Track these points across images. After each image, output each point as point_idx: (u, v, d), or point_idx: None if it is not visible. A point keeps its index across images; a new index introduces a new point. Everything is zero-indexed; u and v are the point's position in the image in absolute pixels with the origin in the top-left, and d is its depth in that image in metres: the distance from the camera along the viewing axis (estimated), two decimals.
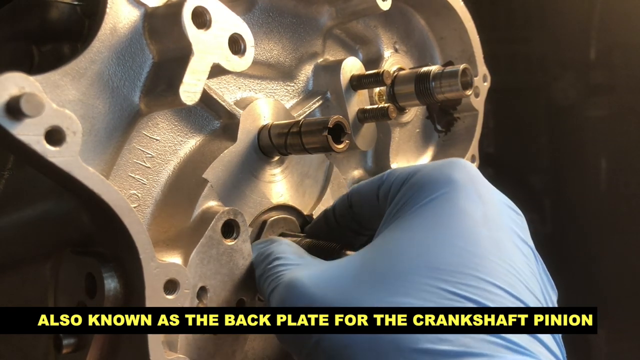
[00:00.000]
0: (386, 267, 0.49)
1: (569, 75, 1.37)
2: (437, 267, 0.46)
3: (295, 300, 0.51)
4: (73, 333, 0.55)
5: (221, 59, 0.54)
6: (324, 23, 0.76)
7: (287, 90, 0.74)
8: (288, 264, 0.56)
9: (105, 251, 0.54)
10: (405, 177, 0.57)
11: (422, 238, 0.49)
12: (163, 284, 0.52)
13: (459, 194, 0.52)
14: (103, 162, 0.54)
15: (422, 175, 0.55)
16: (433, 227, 0.50)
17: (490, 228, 0.50)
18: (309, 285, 0.51)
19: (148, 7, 0.54)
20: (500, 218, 0.51)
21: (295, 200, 0.70)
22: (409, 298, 0.45)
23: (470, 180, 0.53)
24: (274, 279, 0.55)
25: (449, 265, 0.46)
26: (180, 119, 0.62)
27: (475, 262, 0.46)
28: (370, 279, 0.48)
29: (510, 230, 0.51)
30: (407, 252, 0.49)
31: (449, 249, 0.48)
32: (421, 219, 0.51)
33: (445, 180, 0.53)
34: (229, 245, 0.60)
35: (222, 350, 0.60)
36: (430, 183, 0.53)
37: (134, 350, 0.52)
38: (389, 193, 0.58)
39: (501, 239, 0.49)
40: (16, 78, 0.42)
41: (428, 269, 0.46)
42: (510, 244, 0.49)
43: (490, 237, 0.49)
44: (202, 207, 0.60)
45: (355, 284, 0.49)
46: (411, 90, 0.78)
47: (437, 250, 0.48)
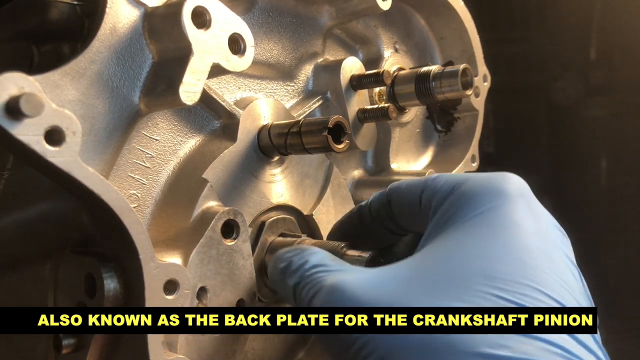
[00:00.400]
0: (439, 273, 0.47)
1: (569, 75, 1.37)
2: (492, 275, 0.45)
3: (341, 304, 0.47)
4: (73, 333, 0.55)
5: (221, 59, 0.54)
6: (324, 23, 0.76)
7: (287, 90, 0.74)
8: (330, 270, 0.52)
9: (105, 251, 0.54)
10: (453, 186, 0.55)
11: (475, 247, 0.48)
12: (163, 284, 0.52)
13: (511, 206, 0.51)
14: (103, 162, 0.54)
15: (472, 185, 0.54)
16: (486, 237, 0.49)
17: (543, 242, 0.49)
18: (356, 288, 0.48)
19: (148, 7, 0.54)
20: (550, 234, 0.51)
21: (295, 200, 0.69)
22: (463, 303, 0.44)
23: (521, 194, 0.53)
24: (314, 285, 0.51)
25: (504, 274, 0.45)
26: (180, 119, 0.62)
27: (529, 272, 0.46)
28: (422, 283, 0.47)
29: (559, 246, 0.51)
30: (460, 259, 0.48)
31: (503, 258, 0.47)
32: (474, 229, 0.50)
33: (497, 192, 0.52)
34: (229, 245, 0.60)
35: (222, 350, 0.60)
36: (481, 195, 0.53)
37: (134, 350, 0.52)
38: (433, 199, 0.56)
39: (553, 254, 0.49)
40: (16, 78, 0.42)
41: (482, 277, 0.45)
42: (561, 260, 0.49)
43: (543, 251, 0.48)
44: (202, 207, 0.60)
45: (406, 287, 0.47)
46: (411, 90, 0.78)
47: (491, 259, 0.47)
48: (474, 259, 0.47)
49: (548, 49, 1.37)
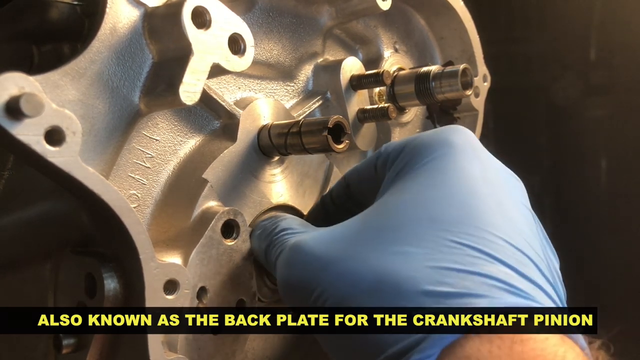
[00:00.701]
0: (388, 221, 0.50)
1: (569, 75, 1.36)
2: (438, 219, 0.47)
3: (300, 259, 0.52)
4: (73, 333, 0.55)
5: (221, 59, 0.54)
6: (324, 23, 0.76)
7: (287, 90, 0.74)
8: (295, 232, 0.58)
9: (105, 251, 0.54)
10: (403, 145, 0.57)
11: (422, 194, 0.50)
12: (163, 284, 0.52)
13: (458, 155, 0.52)
14: (103, 162, 0.54)
15: (420, 140, 0.56)
16: (433, 184, 0.51)
17: (490, 187, 0.50)
18: (312, 244, 0.52)
19: (148, 7, 0.54)
20: (499, 179, 0.52)
21: (295, 200, 0.70)
22: (410, 247, 0.46)
23: (469, 144, 0.54)
24: (279, 245, 0.57)
25: (451, 217, 0.47)
26: (180, 119, 0.62)
27: (476, 214, 0.47)
28: (372, 233, 0.49)
29: (510, 191, 0.52)
30: (408, 207, 0.50)
31: (449, 202, 0.48)
32: (421, 179, 0.52)
33: (444, 142, 0.54)
34: (229, 245, 0.60)
35: (222, 350, 0.60)
36: (428, 146, 0.54)
37: (134, 350, 0.52)
38: (387, 163, 0.58)
39: (501, 197, 0.50)
40: (16, 78, 0.42)
41: (429, 221, 0.47)
42: (510, 203, 0.50)
43: (490, 195, 0.49)
44: (202, 207, 0.60)
45: (358, 239, 0.50)
46: (411, 90, 0.78)
47: (438, 204, 0.49)
48: (421, 205, 0.49)
49: (548, 49, 1.36)
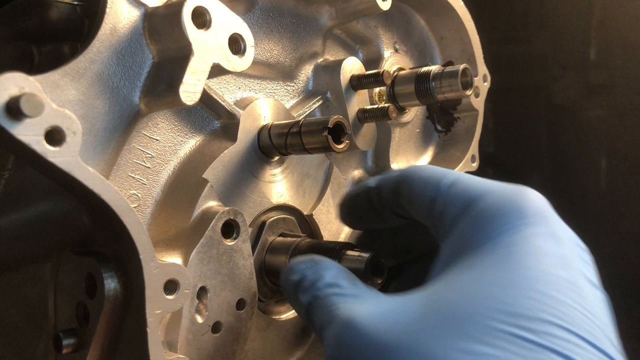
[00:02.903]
0: (456, 307, 0.44)
1: (569, 75, 1.36)
2: (514, 311, 0.42)
3: (355, 342, 0.45)
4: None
5: (221, 59, 0.54)
6: (324, 23, 0.76)
7: (287, 90, 0.74)
8: (343, 294, 0.51)
9: (105, 251, 0.54)
10: (469, 202, 0.52)
11: (495, 277, 0.45)
12: (163, 284, 0.52)
13: (531, 230, 0.47)
14: (103, 162, 0.54)
15: (488, 204, 0.50)
16: (506, 265, 0.45)
17: (567, 270, 0.46)
18: (369, 325, 0.45)
19: (148, 7, 0.54)
20: (574, 259, 0.47)
21: (295, 200, 0.69)
22: (481, 345, 0.40)
23: (542, 215, 0.49)
24: (328, 311, 0.50)
25: (527, 309, 0.42)
26: (180, 119, 0.62)
27: (555, 307, 0.43)
28: (438, 319, 0.43)
29: (584, 272, 0.47)
30: (478, 291, 0.44)
31: (525, 291, 0.43)
32: (491, 257, 0.47)
33: (516, 213, 0.49)
34: (229, 245, 0.60)
35: (222, 350, 0.60)
36: (499, 215, 0.49)
37: (134, 350, 0.52)
38: (445, 212, 0.53)
39: (578, 282, 0.45)
40: (16, 78, 0.42)
41: (504, 313, 0.42)
42: (587, 288, 0.46)
43: (568, 281, 0.45)
44: (202, 207, 0.60)
45: (422, 325, 0.44)
46: (411, 90, 0.78)
47: (513, 291, 0.43)
48: (492, 292, 0.44)
49: (548, 49, 1.36)
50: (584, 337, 0.42)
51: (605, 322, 0.45)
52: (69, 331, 0.56)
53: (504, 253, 0.46)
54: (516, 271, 0.45)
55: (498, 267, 0.45)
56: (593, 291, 0.46)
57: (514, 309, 0.42)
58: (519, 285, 0.44)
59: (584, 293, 0.45)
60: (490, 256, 0.47)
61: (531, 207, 0.49)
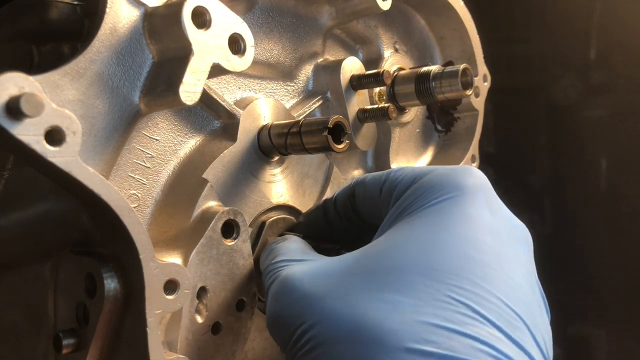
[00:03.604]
0: (381, 263, 0.48)
1: (569, 75, 1.36)
2: (434, 267, 0.46)
3: (287, 294, 0.51)
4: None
5: (221, 59, 0.54)
6: (324, 23, 0.76)
7: (287, 90, 0.74)
8: (289, 260, 0.57)
9: (105, 251, 0.54)
10: (413, 178, 0.56)
11: (423, 238, 0.49)
12: (163, 284, 0.52)
13: (468, 200, 0.51)
14: (103, 162, 0.54)
15: (431, 177, 0.54)
16: (436, 229, 0.49)
17: (495, 238, 0.49)
18: (303, 279, 0.51)
19: (148, 7, 0.54)
20: (506, 230, 0.50)
21: (295, 200, 0.69)
22: (399, 295, 0.45)
23: (480, 189, 0.52)
24: (273, 274, 0.56)
25: (448, 267, 0.46)
26: (180, 119, 0.62)
27: (475, 267, 0.46)
28: (363, 274, 0.48)
29: (514, 244, 0.50)
30: (405, 250, 0.48)
31: (449, 251, 0.47)
32: (425, 220, 0.50)
33: (455, 185, 0.52)
34: (229, 245, 0.60)
35: (222, 350, 0.60)
36: (439, 186, 0.52)
37: (134, 350, 0.52)
38: (393, 191, 0.57)
39: (504, 251, 0.48)
40: (16, 78, 0.42)
41: (425, 269, 0.46)
42: (513, 257, 0.49)
43: (493, 247, 0.48)
44: (202, 207, 0.60)
45: (347, 278, 0.48)
46: (411, 90, 0.78)
47: (437, 251, 0.47)
48: (418, 251, 0.47)
49: (548, 49, 1.37)
50: (497, 295, 0.45)
51: (525, 288, 0.47)
52: (68, 331, 0.56)
53: (436, 219, 0.50)
54: (443, 234, 0.48)
55: (427, 231, 0.49)
56: (519, 262, 0.49)
57: (437, 266, 0.46)
58: (445, 247, 0.47)
59: (508, 260, 0.48)
60: (422, 220, 0.50)
61: (471, 181, 0.52)
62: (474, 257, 0.47)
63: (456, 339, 0.42)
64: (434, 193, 0.52)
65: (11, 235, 0.65)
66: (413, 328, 0.43)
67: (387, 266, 0.47)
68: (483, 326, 0.43)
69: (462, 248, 0.47)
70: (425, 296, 0.44)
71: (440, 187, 0.52)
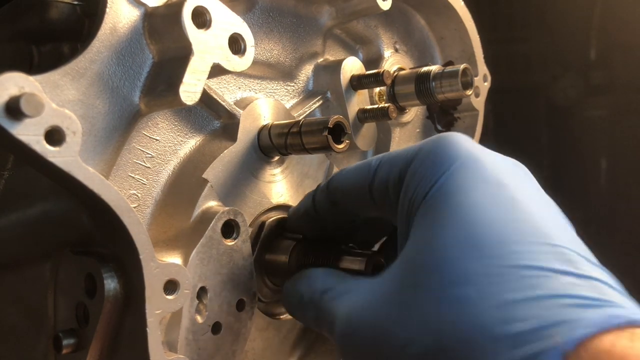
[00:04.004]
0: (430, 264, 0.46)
1: (569, 75, 1.37)
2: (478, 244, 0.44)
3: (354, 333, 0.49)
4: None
5: (221, 59, 0.54)
6: (324, 23, 0.76)
7: (287, 90, 0.74)
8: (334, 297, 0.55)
9: (105, 251, 0.54)
10: (399, 170, 0.54)
11: (452, 223, 0.47)
12: (163, 284, 0.52)
13: (469, 168, 0.50)
14: (103, 162, 0.54)
15: (420, 162, 0.53)
16: (456, 209, 0.48)
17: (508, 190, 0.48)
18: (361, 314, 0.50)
19: (148, 7, 0.54)
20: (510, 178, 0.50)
21: (295, 200, 0.69)
22: (462, 287, 0.43)
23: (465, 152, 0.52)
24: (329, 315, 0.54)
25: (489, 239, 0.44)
26: (180, 119, 0.62)
27: (512, 226, 0.45)
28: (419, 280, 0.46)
29: (524, 184, 0.51)
30: (440, 241, 0.46)
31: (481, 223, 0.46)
32: (439, 207, 0.49)
33: (444, 160, 0.51)
34: (229, 245, 0.60)
35: (222, 350, 0.60)
36: (432, 169, 0.51)
37: (134, 350, 0.52)
38: (387, 194, 0.56)
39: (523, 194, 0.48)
40: (16, 78, 0.42)
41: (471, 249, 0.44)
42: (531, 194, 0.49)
43: (514, 197, 0.48)
44: (202, 207, 0.60)
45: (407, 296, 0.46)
46: (411, 90, 0.78)
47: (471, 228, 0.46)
48: (453, 236, 0.46)
49: (548, 49, 1.37)
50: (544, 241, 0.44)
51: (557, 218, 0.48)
52: (68, 331, 0.56)
53: (450, 201, 0.48)
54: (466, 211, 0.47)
55: (450, 213, 0.48)
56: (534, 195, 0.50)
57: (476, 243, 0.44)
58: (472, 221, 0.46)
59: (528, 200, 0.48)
60: (437, 209, 0.49)
61: (456, 151, 0.52)
62: (504, 217, 0.46)
63: (537, 305, 0.40)
64: (430, 176, 0.51)
65: (11, 235, 0.65)
66: (491, 314, 0.41)
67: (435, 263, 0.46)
68: (553, 279, 0.42)
69: (489, 216, 0.46)
70: (486, 277, 0.43)
71: (433, 168, 0.51)
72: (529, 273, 0.42)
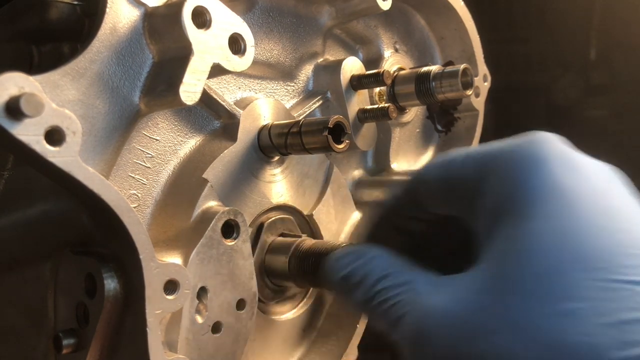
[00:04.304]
0: (526, 270, 0.42)
1: (569, 75, 1.37)
2: (583, 256, 0.41)
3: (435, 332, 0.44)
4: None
5: (221, 59, 0.54)
6: (324, 23, 0.76)
7: (287, 90, 0.74)
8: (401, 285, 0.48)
9: (105, 251, 0.54)
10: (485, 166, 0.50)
11: (551, 231, 0.43)
12: (163, 284, 0.52)
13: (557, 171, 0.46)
14: (103, 162, 0.54)
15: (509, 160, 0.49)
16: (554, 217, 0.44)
17: (606, 194, 0.45)
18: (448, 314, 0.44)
19: (148, 7, 0.54)
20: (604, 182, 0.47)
21: (295, 200, 0.69)
22: (571, 302, 0.39)
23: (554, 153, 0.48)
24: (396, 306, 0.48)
25: (593, 251, 0.41)
26: (180, 119, 0.62)
27: (615, 237, 0.42)
28: (520, 288, 0.42)
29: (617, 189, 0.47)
30: (542, 249, 0.42)
31: (580, 232, 0.42)
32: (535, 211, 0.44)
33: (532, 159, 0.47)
34: (229, 245, 0.60)
35: (222, 350, 0.60)
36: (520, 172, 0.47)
37: (134, 350, 0.52)
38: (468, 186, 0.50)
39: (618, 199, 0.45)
40: (16, 78, 0.42)
41: (575, 262, 0.41)
42: (627, 199, 0.46)
43: (612, 205, 0.44)
44: (202, 207, 0.60)
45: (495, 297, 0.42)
46: (411, 90, 0.78)
47: (571, 239, 0.42)
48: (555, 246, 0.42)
49: (548, 49, 1.37)
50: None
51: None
52: (68, 331, 0.56)
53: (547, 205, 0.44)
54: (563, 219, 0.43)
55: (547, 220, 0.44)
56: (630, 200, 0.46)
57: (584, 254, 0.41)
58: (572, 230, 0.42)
59: (626, 205, 0.44)
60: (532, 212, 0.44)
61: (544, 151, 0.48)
62: (610, 227, 0.42)
63: None
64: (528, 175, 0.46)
65: (11, 235, 0.65)
66: (604, 334, 0.38)
67: (536, 272, 0.41)
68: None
69: (595, 224, 0.43)
70: (595, 292, 0.39)
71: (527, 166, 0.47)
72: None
